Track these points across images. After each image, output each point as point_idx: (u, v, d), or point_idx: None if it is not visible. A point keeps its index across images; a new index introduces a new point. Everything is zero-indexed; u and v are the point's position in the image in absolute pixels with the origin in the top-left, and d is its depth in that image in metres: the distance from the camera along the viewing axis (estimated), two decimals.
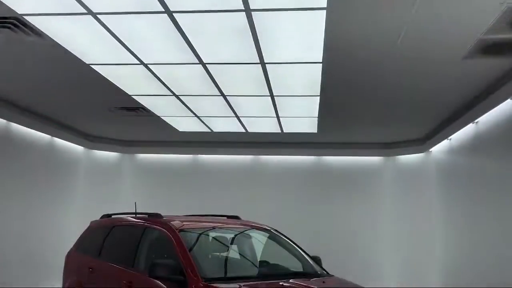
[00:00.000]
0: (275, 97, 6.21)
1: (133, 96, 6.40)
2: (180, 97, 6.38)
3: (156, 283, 4.43)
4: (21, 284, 7.18)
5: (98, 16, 4.01)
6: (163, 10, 3.85)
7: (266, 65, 5.04)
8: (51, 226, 7.97)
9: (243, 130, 8.32)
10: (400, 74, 5.25)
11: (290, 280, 4.54)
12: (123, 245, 5.45)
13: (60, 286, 6.49)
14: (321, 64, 4.97)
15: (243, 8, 3.77)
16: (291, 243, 5.61)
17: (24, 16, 4.07)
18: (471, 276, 6.32)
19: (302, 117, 7.34)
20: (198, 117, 7.45)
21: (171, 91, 6.12)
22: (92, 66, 5.28)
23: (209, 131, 8.42)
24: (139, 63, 5.10)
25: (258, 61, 4.94)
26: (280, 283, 4.41)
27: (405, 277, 8.57)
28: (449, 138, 7.22)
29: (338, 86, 5.77)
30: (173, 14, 3.93)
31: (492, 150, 5.74)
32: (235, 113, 7.11)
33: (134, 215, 5.82)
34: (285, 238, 5.66)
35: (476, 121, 6.15)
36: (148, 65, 5.19)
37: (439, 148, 7.88)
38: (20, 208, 7.17)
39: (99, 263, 5.65)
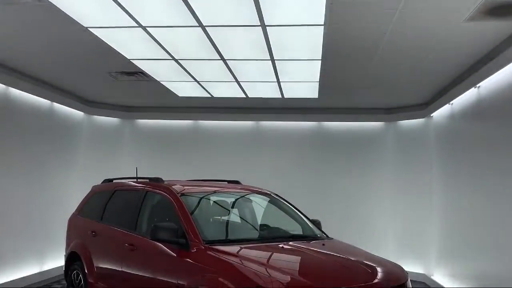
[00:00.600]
0: (275, 61, 6.14)
1: (132, 61, 6.34)
2: (179, 61, 6.32)
3: (158, 245, 4.51)
4: (25, 248, 7.31)
5: None
6: None
7: (267, 27, 4.97)
8: (53, 190, 8.04)
9: (244, 96, 8.27)
10: (402, 37, 5.17)
11: (290, 243, 4.62)
12: (124, 209, 5.51)
13: (63, 249, 6.61)
14: (322, 27, 4.89)
15: None
16: (291, 207, 5.68)
17: None
18: (470, 242, 6.41)
19: (303, 82, 7.28)
20: (198, 82, 7.40)
21: (170, 55, 6.05)
22: (90, 30, 5.20)
23: (209, 96, 8.38)
24: (137, 25, 5.02)
25: (259, 24, 4.86)
26: (280, 245, 4.48)
27: (403, 242, 8.71)
28: (451, 103, 7.18)
29: (340, 50, 5.69)
30: None
31: (494, 115, 5.70)
32: (235, 77, 7.05)
33: (135, 180, 5.87)
34: (285, 202, 5.73)
35: (478, 85, 6.10)
36: (146, 28, 5.11)
37: (440, 113, 7.85)
38: (21, 173, 7.21)
39: (101, 227, 5.73)
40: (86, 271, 5.67)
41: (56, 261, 7.87)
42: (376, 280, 3.88)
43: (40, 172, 7.68)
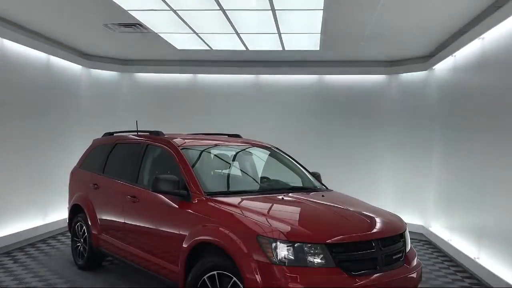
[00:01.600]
0: (276, 11, 6.00)
1: (129, 11, 6.18)
2: (177, 12, 6.17)
3: (160, 197, 4.58)
4: (29, 201, 7.40)
5: None
6: None
7: None
8: (53, 144, 8.04)
9: (243, 48, 8.13)
10: None
11: (290, 194, 4.68)
12: (126, 162, 5.55)
13: (66, 202, 6.71)
14: None
15: None
16: (291, 160, 5.72)
17: None
18: (467, 195, 6.48)
19: (304, 34, 7.14)
20: (196, 34, 7.26)
21: (168, 6, 5.90)
22: None
23: (208, 49, 8.24)
24: None
25: None
26: (280, 197, 4.54)
27: (402, 194, 8.81)
28: (454, 55, 7.06)
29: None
30: None
31: (498, 67, 5.61)
32: (235, 29, 6.91)
33: (135, 133, 5.88)
34: (285, 155, 5.76)
35: (482, 36, 5.98)
36: None
37: (443, 66, 7.74)
38: (21, 127, 7.20)
39: (103, 179, 5.79)
40: (89, 223, 5.78)
41: (60, 214, 8.00)
42: (374, 230, 3.95)
43: (39, 126, 7.66)
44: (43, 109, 7.79)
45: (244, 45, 7.88)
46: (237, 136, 6.20)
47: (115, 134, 6.31)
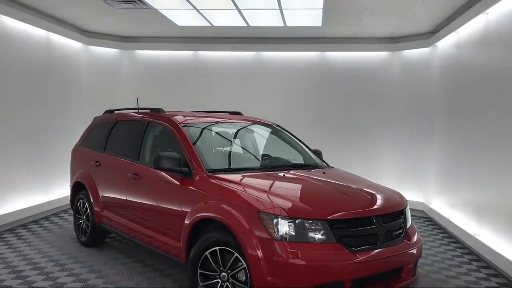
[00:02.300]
0: None
1: None
2: None
3: (161, 174, 4.59)
4: (31, 180, 7.44)
5: None
6: None
7: None
8: (53, 121, 8.03)
9: (244, 24, 8.04)
10: None
11: (291, 171, 4.69)
12: (127, 139, 5.55)
13: (68, 179, 6.74)
14: None
15: None
16: (293, 137, 5.71)
17: None
18: (468, 173, 6.49)
19: (306, 9, 7.05)
20: (197, 10, 7.17)
21: None
22: None
23: (209, 25, 8.15)
24: None
25: None
26: (281, 174, 4.55)
27: (403, 172, 8.83)
28: (457, 31, 6.98)
29: None
30: None
31: (502, 44, 5.54)
32: (235, 5, 6.82)
33: (136, 111, 5.86)
34: (286, 133, 5.76)
35: (486, 11, 5.89)
36: None
37: (446, 42, 7.66)
38: (21, 105, 7.18)
39: (104, 157, 5.80)
40: (91, 200, 5.82)
41: (62, 191, 8.04)
42: (375, 206, 3.97)
43: (39, 103, 7.64)
44: (43, 87, 7.75)
45: (245, 21, 7.80)
46: (238, 113, 6.18)
47: (116, 112, 6.30)
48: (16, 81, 7.05)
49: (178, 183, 4.39)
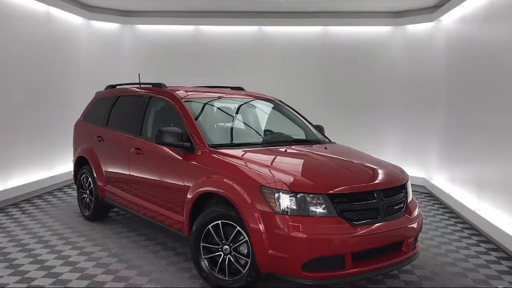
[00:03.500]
0: None
1: None
2: None
3: (164, 149, 4.61)
4: (35, 155, 7.47)
5: None
6: None
7: None
8: (55, 96, 8.02)
9: None
10: None
11: (293, 146, 4.70)
12: (129, 114, 5.55)
13: (71, 154, 6.77)
14: None
15: None
16: (295, 113, 5.70)
17: None
18: (469, 149, 6.49)
19: None
20: None
21: None
22: None
23: None
24: None
25: None
26: (283, 149, 4.56)
27: (405, 148, 8.83)
28: (461, 5, 6.89)
29: None
30: None
31: (510, 18, 5.47)
32: None
33: (138, 86, 5.84)
34: (288, 108, 5.74)
35: None
36: None
37: (450, 17, 7.57)
38: (22, 81, 7.16)
39: (107, 132, 5.81)
40: (94, 174, 5.85)
41: (65, 166, 8.09)
42: (376, 181, 3.99)
43: (40, 79, 7.62)
44: (44, 62, 7.72)
45: None
46: (240, 89, 6.16)
47: (117, 87, 6.28)
48: (17, 56, 7.02)
49: (181, 158, 4.42)
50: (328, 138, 5.40)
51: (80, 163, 6.28)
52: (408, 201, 4.17)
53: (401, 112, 8.87)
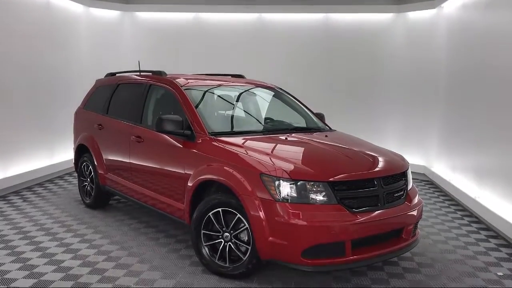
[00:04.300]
0: None
1: None
2: None
3: (164, 137, 4.61)
4: (35, 143, 7.48)
5: None
6: None
7: None
8: (55, 84, 7.99)
9: None
10: None
11: (293, 134, 4.70)
12: (129, 102, 5.54)
13: (71, 142, 6.77)
14: None
15: None
16: (295, 100, 5.69)
17: None
18: (469, 137, 6.49)
19: None
20: None
21: None
22: None
23: None
24: None
25: None
26: (283, 137, 4.56)
27: (405, 136, 8.82)
28: None
29: None
30: None
31: (510, 4, 5.42)
32: None
33: (138, 73, 5.82)
34: (289, 96, 5.73)
35: None
36: None
37: (452, 4, 7.50)
38: (21, 68, 7.13)
39: (107, 120, 5.81)
40: (95, 162, 5.86)
41: (66, 154, 8.10)
42: (377, 168, 3.99)
43: (40, 66, 7.59)
44: (44, 49, 7.69)
45: None
46: (241, 76, 6.14)
47: (117, 75, 6.26)
48: (17, 45, 6.98)
49: (181, 146, 4.42)
50: (328, 126, 5.39)
51: (80, 151, 6.28)
52: (408, 188, 4.18)
53: (402, 100, 8.84)
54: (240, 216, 3.76)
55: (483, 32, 6.18)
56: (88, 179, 6.09)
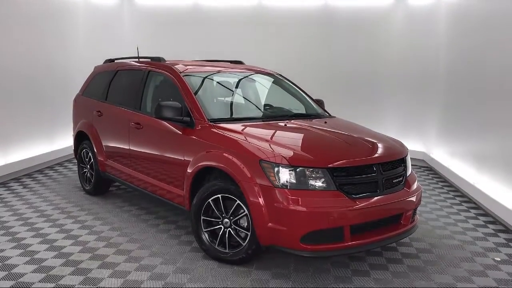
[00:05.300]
0: None
1: None
2: None
3: (164, 124, 4.60)
4: (35, 130, 7.47)
5: None
6: None
7: None
8: (55, 71, 7.97)
9: None
10: None
11: (293, 121, 4.70)
12: (128, 89, 5.52)
13: (71, 129, 6.77)
14: None
15: None
16: (295, 87, 5.67)
17: None
18: (468, 123, 6.48)
19: None
20: None
21: None
22: None
23: None
24: None
25: None
26: (283, 123, 4.55)
27: (405, 122, 8.82)
28: None
29: None
30: None
31: None
32: None
33: (136, 60, 5.80)
34: (288, 82, 5.71)
35: None
36: None
37: None
38: (19, 54, 7.09)
39: (106, 106, 5.79)
40: (95, 149, 5.86)
41: (66, 140, 8.09)
42: (376, 154, 3.99)
43: (38, 53, 7.55)
44: (42, 36, 7.63)
45: None
46: (240, 62, 6.11)
47: (116, 61, 6.23)
48: (15, 32, 6.93)
49: (180, 133, 4.41)
50: (328, 112, 5.38)
51: (80, 137, 6.28)
52: (407, 174, 4.19)
53: (401, 86, 8.82)
54: (240, 202, 3.78)
55: (483, 18, 6.14)
56: (88, 166, 6.10)
